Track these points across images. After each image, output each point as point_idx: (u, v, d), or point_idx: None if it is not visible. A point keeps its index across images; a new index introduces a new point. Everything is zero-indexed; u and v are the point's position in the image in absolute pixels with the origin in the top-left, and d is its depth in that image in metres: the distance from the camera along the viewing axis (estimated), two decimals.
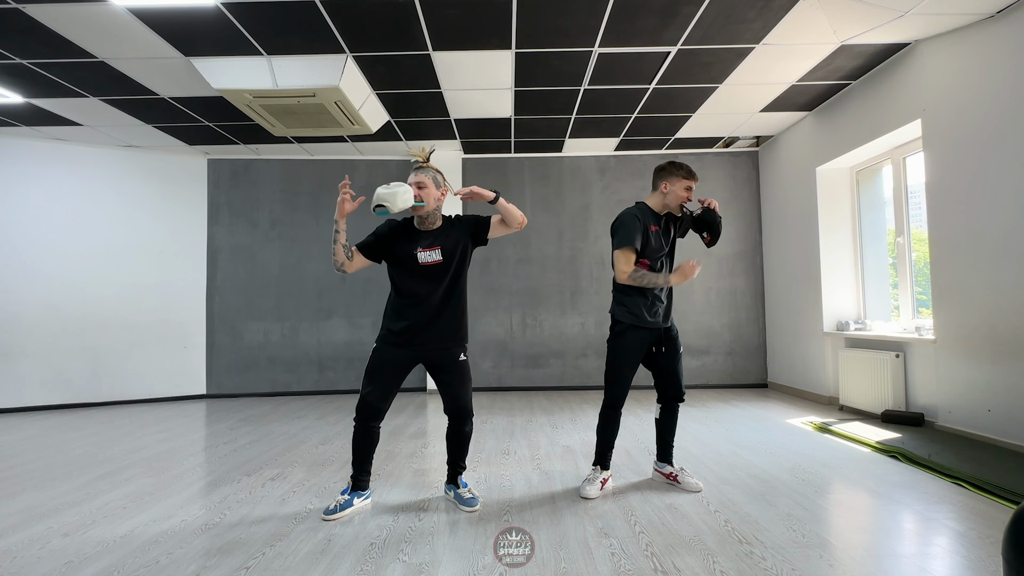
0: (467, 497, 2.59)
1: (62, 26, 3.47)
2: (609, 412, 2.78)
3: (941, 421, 3.85)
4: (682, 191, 2.77)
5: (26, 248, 5.54)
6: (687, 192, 2.77)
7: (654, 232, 2.77)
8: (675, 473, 2.85)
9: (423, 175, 2.50)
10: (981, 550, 2.03)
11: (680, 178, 2.77)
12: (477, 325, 6.40)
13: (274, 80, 4.06)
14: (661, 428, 2.90)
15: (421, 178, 2.49)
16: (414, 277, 2.51)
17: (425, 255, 2.50)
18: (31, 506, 2.69)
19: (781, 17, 3.53)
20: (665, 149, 6.40)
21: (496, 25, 3.59)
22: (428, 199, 2.47)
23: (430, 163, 2.56)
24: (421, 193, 2.46)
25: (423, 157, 2.55)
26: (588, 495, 2.67)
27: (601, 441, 2.81)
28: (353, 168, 6.47)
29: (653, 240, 2.76)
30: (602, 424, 2.80)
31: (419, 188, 2.47)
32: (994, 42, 3.39)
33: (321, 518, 2.45)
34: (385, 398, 2.53)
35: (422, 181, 2.48)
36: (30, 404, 5.52)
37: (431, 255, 2.50)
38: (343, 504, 2.50)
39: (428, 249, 2.50)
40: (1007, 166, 3.32)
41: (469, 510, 2.52)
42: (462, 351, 2.59)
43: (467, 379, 2.59)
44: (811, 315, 5.32)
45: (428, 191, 2.48)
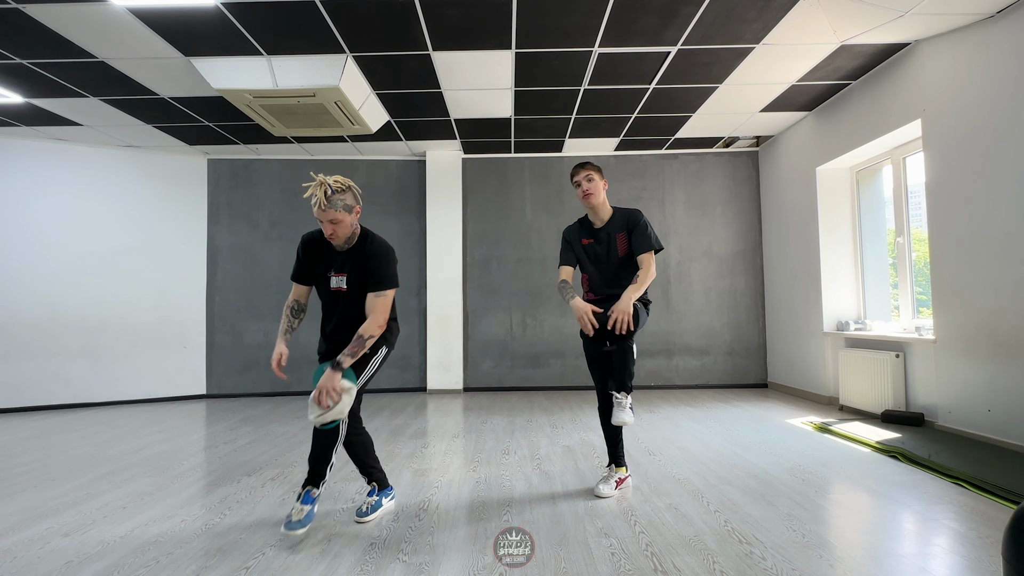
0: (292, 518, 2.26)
1: (62, 26, 3.47)
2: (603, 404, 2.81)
3: (941, 421, 3.85)
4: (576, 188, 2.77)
5: (26, 248, 5.54)
6: (575, 187, 2.77)
7: (586, 245, 2.76)
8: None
9: (332, 211, 2.25)
10: (981, 550, 2.03)
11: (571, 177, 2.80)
12: (477, 325, 6.41)
13: (274, 80, 4.06)
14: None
15: (331, 216, 2.26)
16: (326, 296, 2.45)
17: (336, 280, 2.40)
18: (31, 506, 2.69)
19: (781, 17, 3.53)
20: (665, 149, 6.40)
21: (496, 25, 3.59)
22: (344, 232, 2.31)
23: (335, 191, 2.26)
24: (337, 229, 2.29)
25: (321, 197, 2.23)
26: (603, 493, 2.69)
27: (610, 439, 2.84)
28: (353, 168, 6.47)
29: (587, 253, 2.75)
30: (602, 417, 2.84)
31: (333, 225, 2.28)
32: (994, 42, 3.39)
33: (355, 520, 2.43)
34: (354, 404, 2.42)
35: (333, 217, 2.26)
36: (30, 404, 5.52)
37: (339, 281, 2.39)
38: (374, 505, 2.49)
39: (338, 274, 2.40)
40: (1007, 166, 3.32)
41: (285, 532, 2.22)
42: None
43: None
44: (811, 315, 5.32)
45: (343, 224, 2.29)
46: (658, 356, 6.32)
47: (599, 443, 3.75)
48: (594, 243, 2.77)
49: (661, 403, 5.34)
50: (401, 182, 6.54)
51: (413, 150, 6.33)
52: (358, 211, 2.37)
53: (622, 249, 2.74)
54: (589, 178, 2.74)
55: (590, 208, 2.80)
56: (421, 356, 6.41)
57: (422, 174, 6.50)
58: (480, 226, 6.48)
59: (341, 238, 2.33)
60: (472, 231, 6.47)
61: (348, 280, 2.38)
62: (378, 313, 2.33)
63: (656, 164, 6.48)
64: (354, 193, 2.35)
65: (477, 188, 6.50)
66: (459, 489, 2.86)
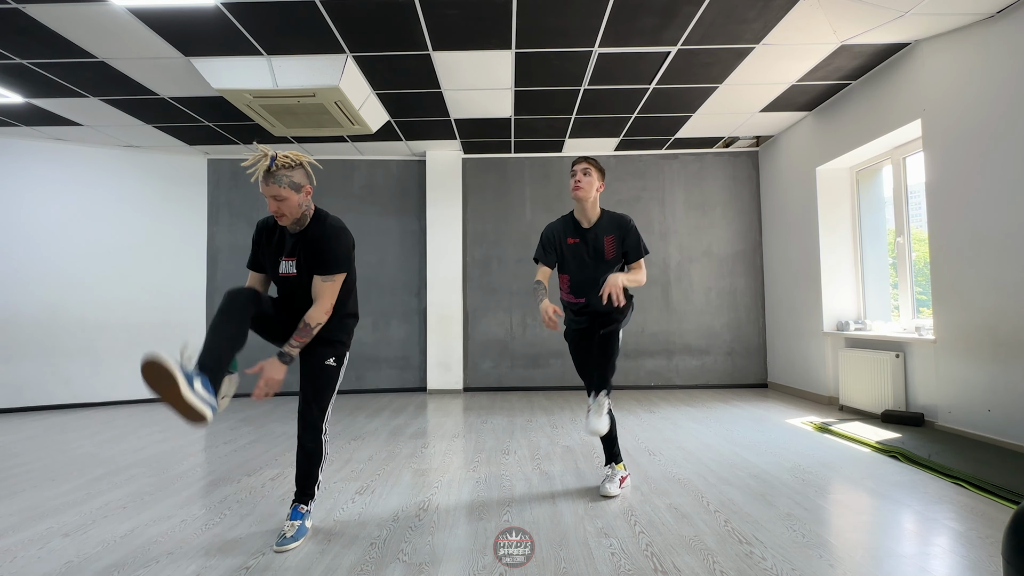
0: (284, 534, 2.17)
1: (62, 26, 3.47)
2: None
3: (941, 421, 3.84)
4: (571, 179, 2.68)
5: (26, 248, 5.54)
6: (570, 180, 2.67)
7: (571, 245, 2.65)
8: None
9: (275, 185, 2.08)
10: (981, 550, 2.03)
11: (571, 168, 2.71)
12: (477, 325, 6.41)
13: (274, 80, 4.05)
14: None
15: (274, 191, 2.08)
16: (278, 283, 2.30)
17: (285, 264, 2.23)
18: (31, 506, 2.69)
19: (781, 17, 3.53)
20: (665, 149, 6.40)
21: (496, 25, 3.59)
22: (291, 210, 2.13)
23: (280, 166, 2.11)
24: (282, 207, 2.11)
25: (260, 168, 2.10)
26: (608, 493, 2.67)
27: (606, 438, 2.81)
28: (353, 168, 6.48)
29: (571, 252, 2.65)
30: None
31: (278, 202, 2.10)
32: (994, 42, 3.39)
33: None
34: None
35: (276, 194, 2.08)
36: (30, 404, 5.52)
37: (288, 265, 2.22)
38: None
39: (287, 258, 2.23)
40: (1007, 166, 3.32)
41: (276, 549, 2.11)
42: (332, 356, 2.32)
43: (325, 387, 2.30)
44: (811, 315, 5.32)
45: (288, 202, 2.11)
46: (658, 356, 6.32)
47: (599, 444, 3.74)
48: (580, 243, 2.65)
49: (661, 403, 5.34)
50: (401, 182, 6.54)
51: (413, 150, 6.33)
52: (308, 191, 2.18)
53: (609, 252, 2.64)
54: (587, 171, 2.63)
55: (578, 204, 2.67)
56: (421, 356, 6.41)
57: (422, 174, 6.50)
58: (480, 226, 6.47)
59: (288, 218, 2.15)
60: (472, 231, 6.47)
61: (298, 264, 2.21)
62: (324, 299, 2.16)
63: (656, 164, 6.48)
64: (306, 172, 2.19)
65: (477, 188, 6.50)
66: (459, 489, 2.86)
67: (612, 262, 2.65)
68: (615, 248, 2.64)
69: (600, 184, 2.67)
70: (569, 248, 2.65)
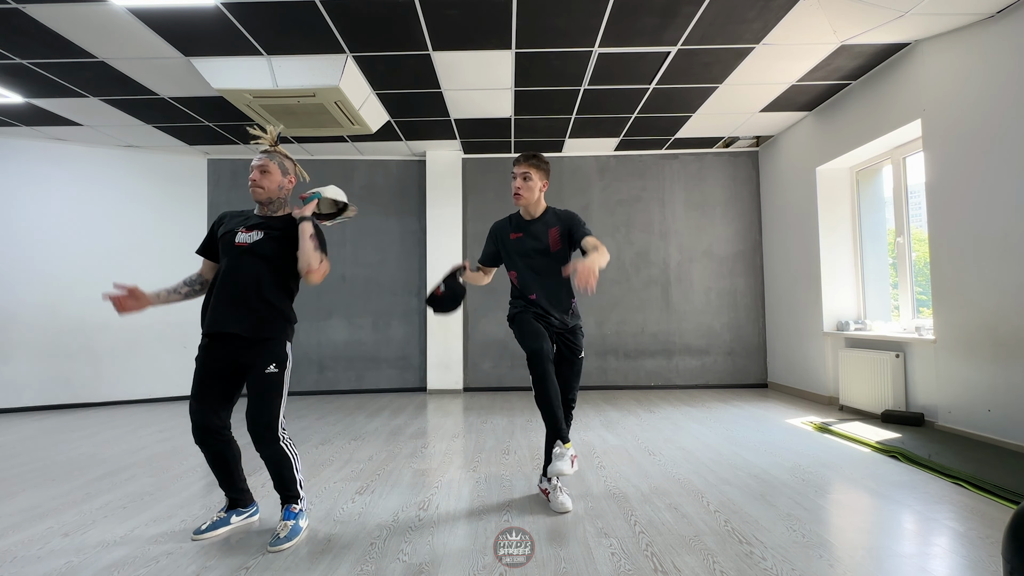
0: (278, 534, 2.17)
1: (62, 26, 3.47)
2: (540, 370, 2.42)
3: (941, 421, 3.85)
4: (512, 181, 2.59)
5: (26, 248, 5.54)
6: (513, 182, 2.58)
7: (514, 240, 2.59)
8: (548, 489, 2.60)
9: (267, 159, 2.25)
10: (981, 550, 2.03)
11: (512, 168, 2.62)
12: (477, 325, 6.41)
13: (274, 80, 4.06)
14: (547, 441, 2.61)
15: (264, 162, 2.24)
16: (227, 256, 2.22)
17: (244, 235, 2.21)
18: (31, 506, 2.69)
19: (781, 17, 3.53)
20: (665, 149, 6.40)
21: (496, 25, 3.59)
22: (270, 185, 2.25)
23: (278, 147, 2.32)
24: (262, 179, 2.23)
25: (270, 140, 2.31)
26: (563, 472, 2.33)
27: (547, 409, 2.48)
28: (353, 168, 6.47)
29: (513, 249, 2.59)
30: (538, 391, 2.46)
31: (261, 173, 2.23)
32: (994, 42, 3.39)
33: (191, 538, 2.24)
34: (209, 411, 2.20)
35: (264, 165, 2.24)
36: (30, 404, 5.51)
37: (247, 236, 2.21)
38: (217, 522, 2.28)
39: (248, 230, 2.22)
40: (1007, 166, 3.32)
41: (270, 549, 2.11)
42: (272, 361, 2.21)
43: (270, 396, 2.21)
44: (811, 315, 5.32)
45: (271, 177, 2.25)
46: (658, 356, 6.32)
47: (598, 443, 3.75)
48: (523, 237, 2.58)
49: (661, 403, 5.34)
50: (401, 182, 6.54)
51: (413, 150, 6.33)
52: (291, 181, 2.34)
53: (554, 244, 2.55)
54: (526, 176, 2.53)
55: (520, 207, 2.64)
56: (421, 356, 6.41)
57: (422, 174, 6.50)
58: (480, 226, 6.47)
59: (264, 192, 2.25)
60: (472, 231, 6.47)
61: (260, 241, 2.19)
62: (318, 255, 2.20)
63: (656, 164, 6.48)
64: (295, 170, 2.37)
65: (477, 188, 6.50)
66: (459, 489, 2.86)
67: (557, 255, 2.55)
68: (560, 240, 2.55)
69: (544, 183, 2.58)
70: (512, 243, 2.59)
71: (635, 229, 6.43)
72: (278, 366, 2.23)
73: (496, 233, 2.70)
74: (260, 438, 2.21)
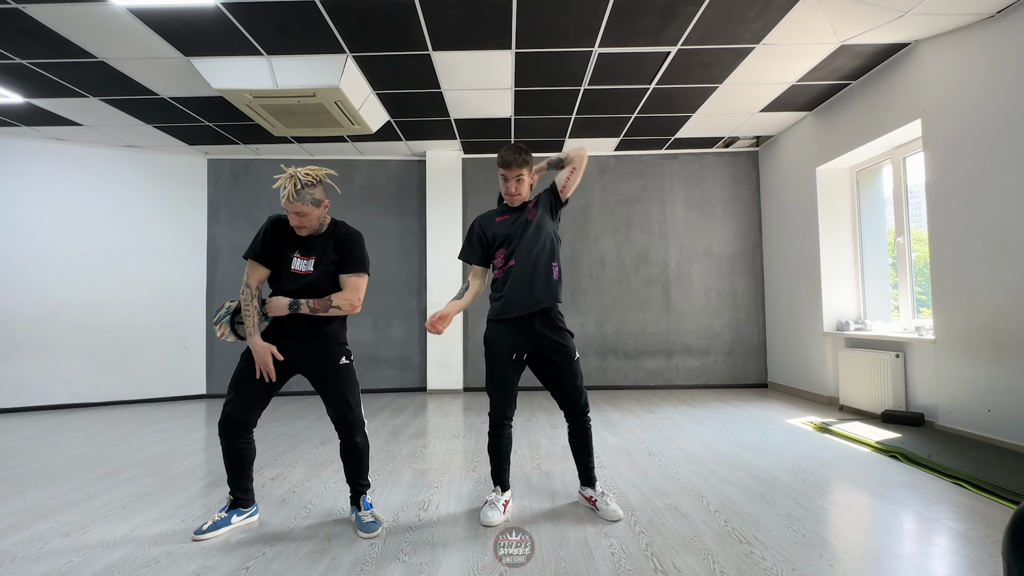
0: (366, 521, 2.31)
1: (62, 26, 3.47)
2: (496, 431, 2.45)
3: (941, 421, 3.84)
4: (501, 182, 2.44)
5: (26, 248, 5.54)
6: (505, 184, 2.42)
7: (501, 222, 2.47)
8: (595, 497, 2.48)
9: (299, 204, 2.22)
10: (981, 550, 2.03)
11: (497, 166, 2.43)
12: (477, 325, 6.41)
13: (274, 80, 4.05)
14: (575, 450, 2.55)
15: (299, 208, 2.22)
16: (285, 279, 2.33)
17: (300, 262, 2.31)
18: (31, 506, 2.69)
19: (781, 17, 3.53)
20: (665, 149, 6.40)
21: (496, 25, 3.59)
22: (312, 222, 2.27)
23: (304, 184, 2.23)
24: (302, 221, 2.25)
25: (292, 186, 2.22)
26: (491, 522, 2.33)
27: (495, 461, 2.49)
28: (353, 168, 6.47)
29: (500, 229, 2.45)
30: (491, 444, 2.48)
31: (300, 217, 2.24)
32: (994, 42, 3.39)
33: (192, 538, 2.24)
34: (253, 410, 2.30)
35: (300, 210, 2.23)
36: (30, 404, 5.51)
37: (304, 263, 2.31)
38: (218, 522, 2.29)
39: (304, 256, 2.31)
40: (1007, 166, 3.32)
41: (366, 536, 2.24)
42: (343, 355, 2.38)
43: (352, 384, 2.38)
44: (811, 315, 5.32)
45: (310, 215, 2.25)
46: (658, 356, 6.32)
47: (598, 443, 3.74)
48: (508, 217, 2.48)
49: (661, 403, 5.34)
50: (401, 182, 6.54)
51: (413, 150, 6.33)
52: (327, 205, 2.32)
53: (532, 214, 2.47)
54: (520, 179, 2.41)
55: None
56: (421, 356, 6.41)
57: (422, 174, 6.50)
58: None
59: (308, 230, 2.29)
60: None
61: (315, 264, 2.30)
62: (351, 291, 2.31)
63: (656, 164, 6.48)
64: (324, 187, 2.32)
65: (477, 188, 6.50)
66: (459, 489, 2.86)
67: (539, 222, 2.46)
68: (537, 209, 2.48)
69: (533, 179, 2.51)
70: (499, 226, 2.47)
71: (635, 229, 6.43)
72: (348, 358, 2.40)
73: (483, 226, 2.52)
74: (353, 426, 2.37)
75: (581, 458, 2.54)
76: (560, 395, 2.52)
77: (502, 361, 2.45)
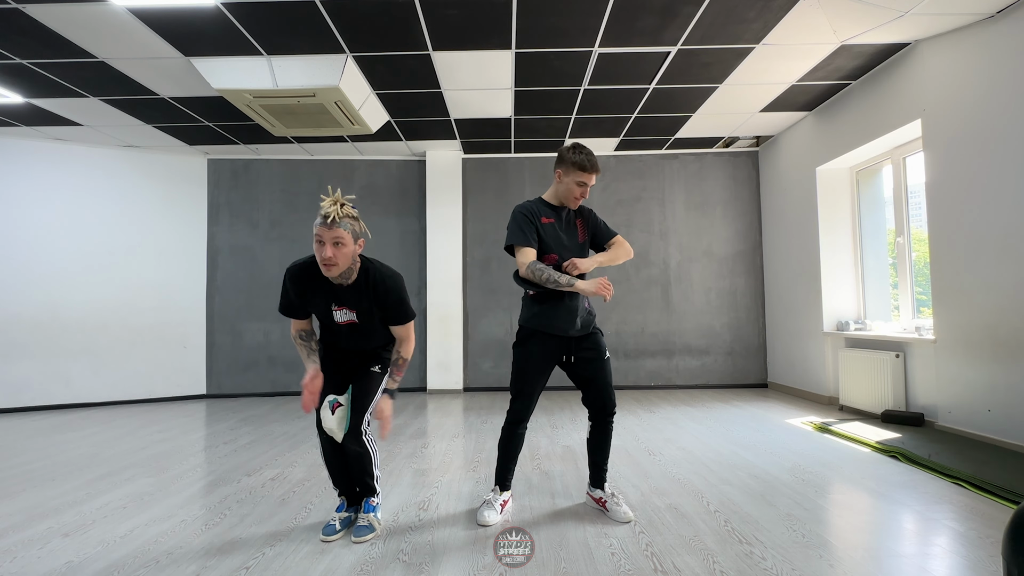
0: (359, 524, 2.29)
1: (62, 26, 3.47)
2: (511, 428, 2.45)
3: (941, 421, 3.84)
4: (574, 186, 2.34)
5: (26, 248, 5.54)
6: (580, 189, 2.35)
7: (548, 224, 2.38)
8: (604, 499, 2.48)
9: (340, 229, 2.06)
10: (981, 550, 2.03)
11: (574, 169, 2.32)
12: (477, 325, 6.41)
13: (274, 80, 4.06)
14: (592, 449, 2.51)
15: (338, 233, 2.05)
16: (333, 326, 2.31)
17: (341, 314, 2.25)
18: (31, 506, 2.69)
19: (781, 17, 3.53)
20: (665, 149, 6.40)
21: (496, 25, 3.59)
22: (344, 260, 2.10)
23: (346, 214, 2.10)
24: (336, 252, 2.06)
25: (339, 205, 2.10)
26: (487, 521, 2.35)
27: (502, 459, 2.50)
28: (353, 168, 6.48)
29: (549, 232, 2.37)
30: (503, 440, 2.48)
31: (335, 247, 2.06)
32: (994, 42, 3.39)
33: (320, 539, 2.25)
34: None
35: (339, 237, 2.06)
36: (30, 404, 5.51)
37: (346, 315, 2.25)
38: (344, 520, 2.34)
39: (342, 308, 2.24)
40: (1007, 166, 3.32)
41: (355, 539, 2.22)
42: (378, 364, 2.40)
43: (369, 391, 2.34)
44: (811, 315, 5.32)
45: (346, 250, 2.09)
46: (658, 356, 6.32)
47: None
48: (555, 221, 2.41)
49: (661, 403, 5.34)
50: (401, 182, 6.54)
51: (413, 150, 6.33)
52: (362, 244, 2.18)
53: (581, 235, 2.46)
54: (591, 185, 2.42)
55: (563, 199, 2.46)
56: (421, 356, 6.41)
57: (422, 174, 6.50)
58: (480, 226, 6.47)
59: (339, 268, 2.09)
60: (472, 231, 6.47)
61: (358, 315, 2.25)
62: (410, 341, 2.38)
63: (656, 164, 6.48)
64: (361, 227, 2.18)
65: (477, 188, 6.50)
66: (459, 489, 2.86)
67: (584, 246, 2.47)
68: (585, 232, 2.47)
69: None
70: (544, 227, 2.38)
71: (635, 229, 6.43)
72: (381, 368, 2.40)
73: (531, 214, 2.38)
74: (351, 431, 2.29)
75: (598, 458, 2.51)
76: (591, 394, 2.47)
77: (535, 370, 2.43)
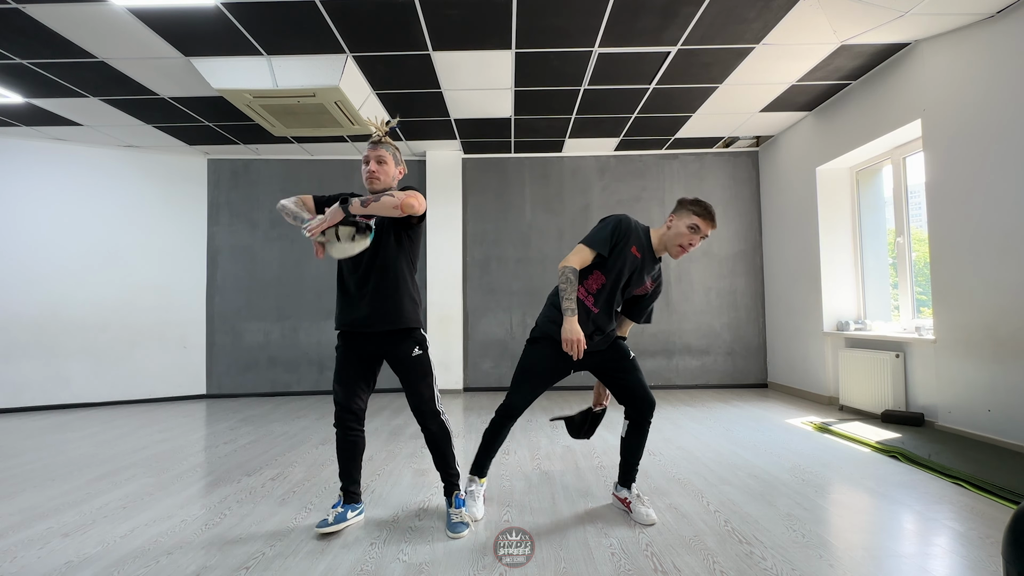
0: (453, 521, 2.31)
1: (62, 26, 3.47)
2: (501, 421, 2.44)
3: (941, 421, 3.84)
4: (684, 228, 2.25)
5: (26, 248, 5.54)
6: (691, 233, 2.25)
7: (632, 254, 2.29)
8: (630, 499, 2.46)
9: (383, 149, 2.32)
10: (981, 550, 2.03)
11: (690, 213, 2.25)
12: (477, 325, 6.41)
13: (274, 80, 4.06)
14: (626, 448, 2.48)
15: (381, 152, 2.31)
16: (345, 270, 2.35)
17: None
18: (31, 506, 2.69)
19: (781, 17, 3.53)
20: (665, 149, 6.40)
21: (496, 25, 3.59)
22: (384, 176, 2.31)
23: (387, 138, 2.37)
24: (380, 169, 2.30)
25: (382, 131, 2.37)
26: (477, 517, 2.40)
27: (484, 448, 2.50)
28: (353, 168, 6.47)
29: (627, 261, 2.29)
30: (490, 431, 2.47)
31: (378, 164, 2.30)
32: (994, 42, 3.39)
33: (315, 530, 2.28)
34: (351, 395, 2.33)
35: (382, 156, 2.31)
36: (30, 404, 5.51)
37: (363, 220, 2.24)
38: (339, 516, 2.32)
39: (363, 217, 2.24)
40: (1007, 166, 3.32)
41: (451, 535, 2.24)
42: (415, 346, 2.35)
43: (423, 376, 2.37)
44: (811, 315, 5.32)
45: (387, 167, 2.33)
46: (658, 356, 6.32)
47: (598, 443, 3.75)
48: (642, 259, 2.32)
49: (661, 403, 5.34)
50: (401, 182, 6.50)
51: (413, 150, 6.33)
52: (403, 171, 2.42)
53: (641, 290, 2.40)
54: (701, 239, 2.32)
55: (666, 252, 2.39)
56: None
57: (422, 174, 6.50)
58: (480, 226, 6.48)
59: (382, 182, 2.31)
60: (472, 231, 6.47)
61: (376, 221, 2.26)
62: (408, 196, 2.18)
63: (656, 164, 6.48)
64: (401, 156, 2.42)
65: (477, 188, 6.50)
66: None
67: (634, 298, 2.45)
68: (645, 291, 2.42)
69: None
70: (627, 254, 2.29)
71: None
72: (420, 348, 2.39)
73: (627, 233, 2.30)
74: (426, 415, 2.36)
75: (632, 457, 2.47)
76: (627, 396, 2.41)
77: (541, 372, 2.42)
